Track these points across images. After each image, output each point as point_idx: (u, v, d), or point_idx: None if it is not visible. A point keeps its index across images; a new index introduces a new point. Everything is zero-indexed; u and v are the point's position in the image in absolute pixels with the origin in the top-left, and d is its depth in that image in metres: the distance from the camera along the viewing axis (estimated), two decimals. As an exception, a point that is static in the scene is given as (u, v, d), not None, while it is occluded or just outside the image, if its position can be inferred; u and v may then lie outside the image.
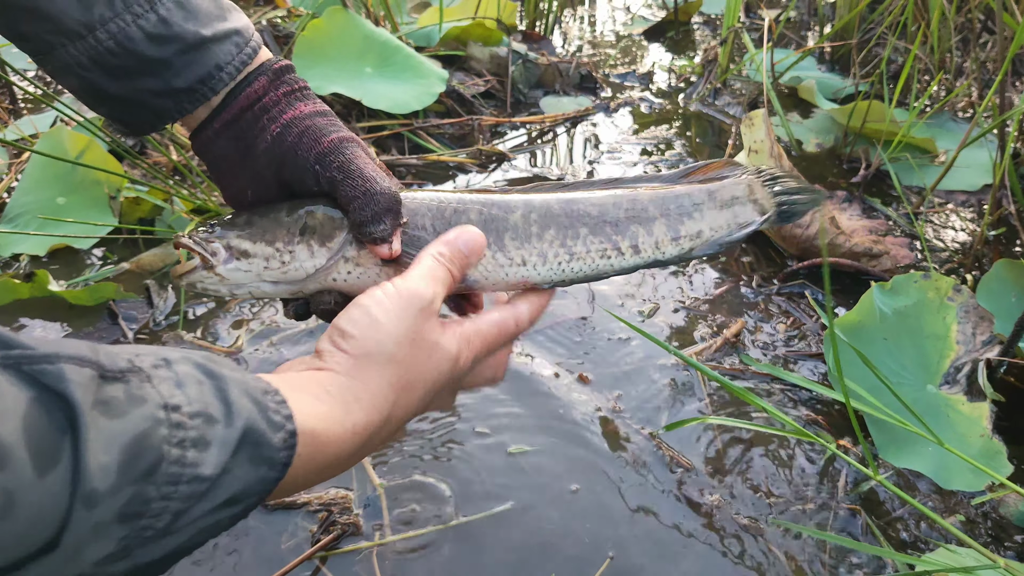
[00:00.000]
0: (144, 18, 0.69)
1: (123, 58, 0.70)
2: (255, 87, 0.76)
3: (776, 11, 3.44)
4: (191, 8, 0.72)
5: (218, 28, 0.73)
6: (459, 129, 2.41)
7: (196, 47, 0.72)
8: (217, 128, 0.76)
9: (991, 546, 1.20)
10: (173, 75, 0.72)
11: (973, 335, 1.45)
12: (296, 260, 0.74)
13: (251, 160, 0.76)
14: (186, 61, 0.72)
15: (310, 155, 0.74)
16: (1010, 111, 1.71)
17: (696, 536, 1.20)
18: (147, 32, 0.69)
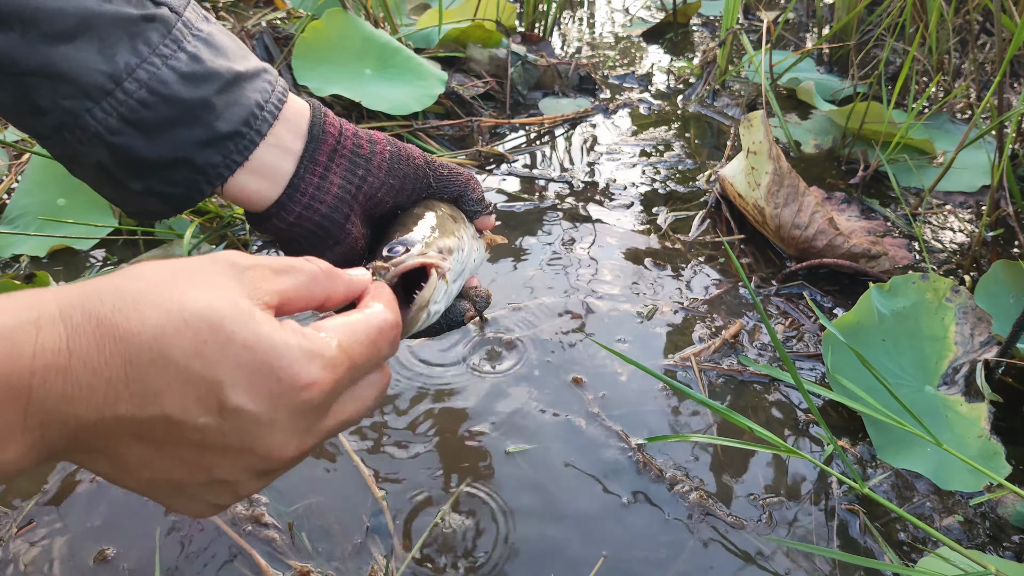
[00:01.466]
0: (174, 58, 0.62)
1: (158, 108, 0.62)
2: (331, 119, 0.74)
3: (775, 13, 3.45)
4: (218, 45, 0.66)
5: (248, 65, 0.68)
6: (458, 130, 2.41)
7: (233, 84, 0.66)
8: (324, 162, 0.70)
9: (989, 547, 1.20)
10: (216, 118, 0.64)
11: (971, 336, 1.45)
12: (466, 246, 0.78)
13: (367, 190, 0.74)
14: (226, 101, 0.65)
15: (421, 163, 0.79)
16: (1008, 112, 1.71)
17: (692, 535, 1.20)
18: (180, 72, 0.62)
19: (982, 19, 2.66)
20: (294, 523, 1.19)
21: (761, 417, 1.42)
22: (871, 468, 1.33)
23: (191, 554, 1.15)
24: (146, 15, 0.60)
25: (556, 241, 1.90)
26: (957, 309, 1.48)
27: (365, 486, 1.25)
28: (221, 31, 0.68)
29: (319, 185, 0.70)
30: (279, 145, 0.69)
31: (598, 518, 1.22)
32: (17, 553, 1.14)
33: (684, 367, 1.51)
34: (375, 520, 1.20)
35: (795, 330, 1.63)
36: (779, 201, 1.78)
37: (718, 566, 1.16)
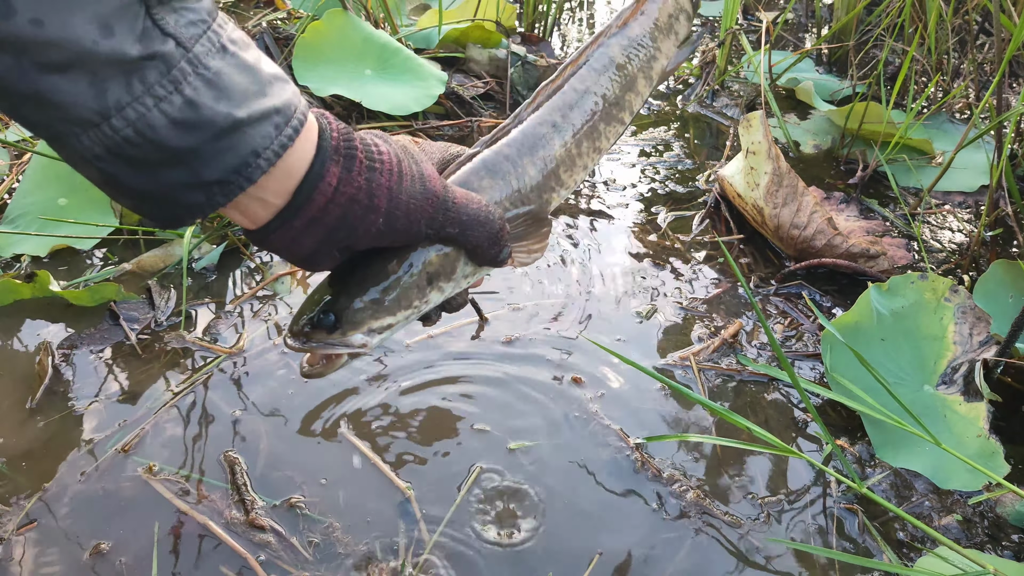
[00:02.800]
0: (167, 101, 0.59)
1: (145, 148, 0.59)
2: (328, 180, 0.68)
3: (774, 13, 3.45)
4: (223, 86, 0.61)
5: (255, 108, 0.63)
6: (458, 131, 2.42)
7: (228, 132, 0.62)
8: (299, 227, 0.69)
9: (988, 546, 1.21)
10: (202, 165, 0.62)
11: (970, 335, 1.46)
12: (430, 303, 0.80)
13: (351, 247, 0.74)
14: (217, 149, 0.62)
15: (421, 226, 0.74)
16: (1007, 112, 1.72)
17: (689, 533, 1.20)
18: (171, 118, 0.59)
19: (981, 19, 2.66)
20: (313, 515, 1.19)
21: (760, 416, 1.42)
22: (870, 467, 1.33)
23: (187, 553, 1.15)
24: (148, 54, 0.57)
25: (555, 241, 1.90)
26: (956, 309, 1.49)
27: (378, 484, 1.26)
28: (236, 66, 0.63)
29: (293, 239, 0.70)
30: (261, 198, 0.68)
31: (596, 516, 1.22)
32: (16, 548, 1.15)
33: (683, 366, 1.52)
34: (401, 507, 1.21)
35: (794, 330, 1.64)
36: (778, 201, 1.78)
37: (715, 565, 1.16)
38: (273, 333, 1.56)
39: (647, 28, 0.94)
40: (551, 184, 0.87)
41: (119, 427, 1.35)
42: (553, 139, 0.87)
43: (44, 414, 1.37)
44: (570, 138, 0.88)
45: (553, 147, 0.87)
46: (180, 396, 1.41)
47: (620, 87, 0.91)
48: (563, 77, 0.90)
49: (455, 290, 0.82)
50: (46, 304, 1.62)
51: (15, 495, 1.23)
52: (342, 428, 1.35)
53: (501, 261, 0.80)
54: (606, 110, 0.90)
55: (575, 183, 0.90)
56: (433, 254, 0.78)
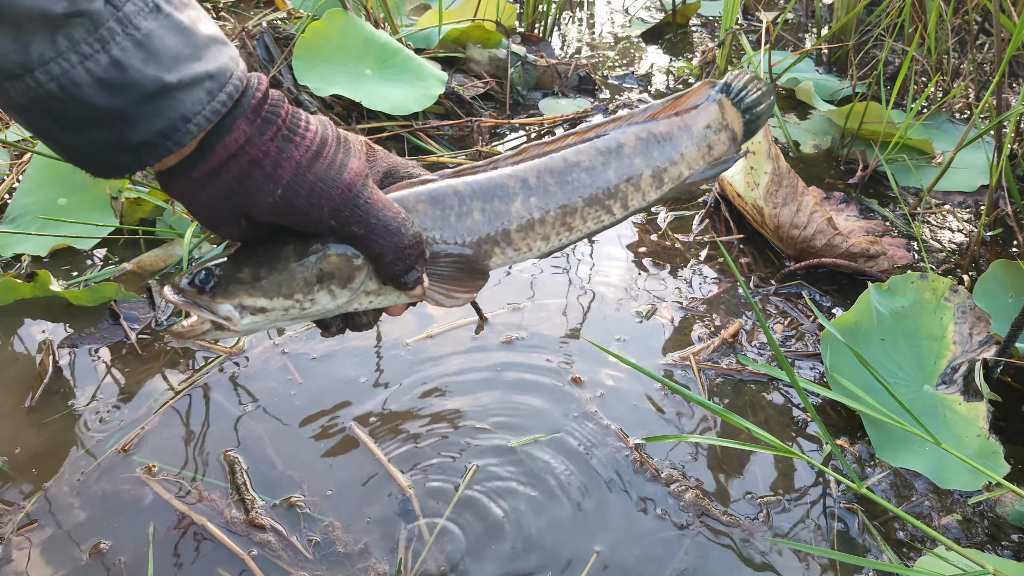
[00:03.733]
0: (93, 59, 0.57)
1: (69, 105, 0.58)
2: (235, 135, 0.66)
3: (774, 13, 3.45)
4: (153, 48, 0.60)
5: (186, 73, 0.61)
6: (458, 131, 2.42)
7: (156, 95, 0.60)
8: (197, 178, 0.67)
9: (988, 546, 1.21)
10: (128, 127, 0.61)
11: (970, 335, 1.46)
12: (317, 304, 0.73)
13: (248, 214, 0.69)
14: (144, 112, 0.60)
15: (323, 214, 0.68)
16: (1007, 112, 1.72)
17: (688, 533, 1.20)
18: (97, 77, 0.58)
19: (981, 19, 2.66)
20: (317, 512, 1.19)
21: (760, 416, 1.42)
22: (870, 467, 1.33)
23: (186, 553, 1.15)
24: (75, 11, 0.56)
25: (556, 241, 1.90)
26: (956, 308, 1.49)
27: (378, 483, 1.26)
28: (169, 27, 0.61)
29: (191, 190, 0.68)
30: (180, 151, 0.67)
31: (594, 515, 1.22)
32: (16, 548, 1.15)
33: (683, 366, 1.52)
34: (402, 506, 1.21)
35: (794, 329, 1.64)
36: (778, 201, 1.78)
37: (714, 565, 1.16)
38: (273, 333, 1.56)
39: (675, 128, 0.85)
40: (496, 239, 0.78)
41: (119, 427, 1.35)
42: (516, 195, 0.79)
43: (44, 413, 1.37)
44: (536, 202, 0.79)
45: (512, 202, 0.79)
46: (180, 396, 1.41)
47: (617, 175, 0.83)
48: (561, 143, 0.83)
49: (352, 303, 0.75)
50: (46, 304, 1.62)
51: (15, 495, 1.23)
52: (342, 427, 1.35)
53: (406, 283, 0.72)
54: (592, 192, 0.82)
55: (530, 250, 0.81)
56: (333, 252, 0.72)
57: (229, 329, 0.71)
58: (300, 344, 1.53)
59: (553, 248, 0.82)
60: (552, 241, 0.82)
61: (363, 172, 0.71)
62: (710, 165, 0.86)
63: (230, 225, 0.71)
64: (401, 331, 1.57)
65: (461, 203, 0.77)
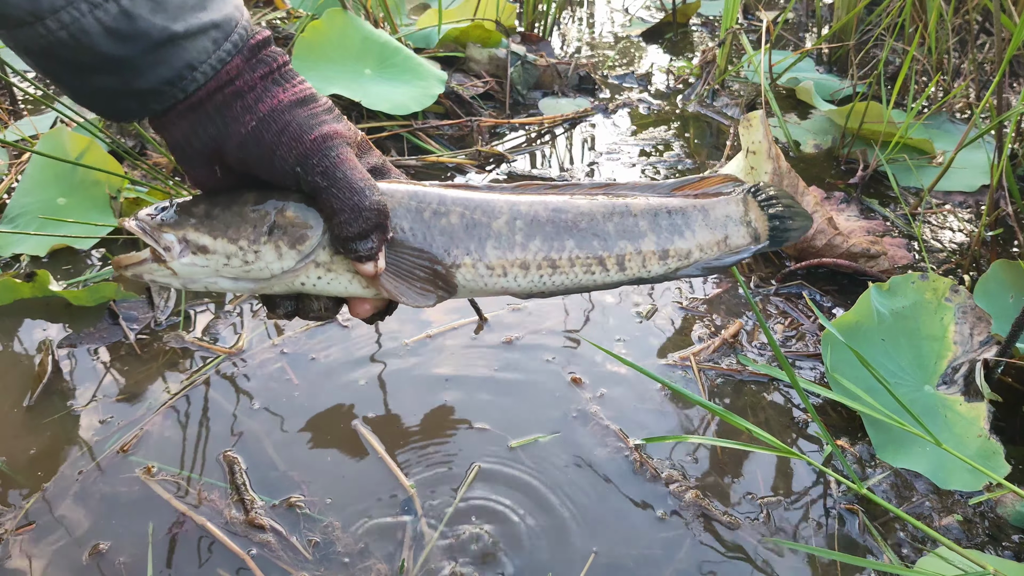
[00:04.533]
0: (102, 8, 0.59)
1: (77, 52, 0.60)
2: (228, 67, 0.66)
3: (774, 13, 3.45)
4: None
5: (192, 22, 0.62)
6: (458, 130, 2.41)
7: (163, 44, 0.61)
8: (181, 110, 0.66)
9: (988, 546, 1.21)
10: (135, 75, 0.62)
11: (970, 335, 1.45)
12: (261, 260, 0.69)
13: (221, 151, 0.68)
14: (151, 60, 0.62)
15: (290, 156, 0.66)
16: (1008, 112, 1.71)
17: (688, 533, 1.20)
18: (105, 26, 0.59)
19: (981, 19, 2.66)
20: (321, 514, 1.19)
21: (760, 416, 1.42)
22: (870, 467, 1.33)
23: (185, 553, 1.15)
24: None
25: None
26: (956, 309, 1.48)
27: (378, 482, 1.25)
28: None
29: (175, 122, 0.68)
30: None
31: (594, 515, 1.22)
32: (15, 548, 1.14)
33: (684, 366, 1.52)
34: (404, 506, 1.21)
35: (794, 329, 1.63)
36: (778, 201, 1.78)
37: (714, 565, 1.16)
38: (273, 333, 1.56)
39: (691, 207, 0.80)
40: (470, 247, 0.72)
41: (118, 427, 1.35)
42: (502, 214, 0.74)
43: (43, 414, 1.37)
44: (521, 225, 0.74)
45: (496, 219, 0.73)
46: (179, 396, 1.41)
47: (617, 230, 0.77)
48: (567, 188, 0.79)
49: (300, 272, 0.70)
50: (46, 304, 1.62)
51: (14, 495, 1.23)
52: (341, 427, 1.35)
53: (358, 251, 0.67)
54: (585, 237, 0.76)
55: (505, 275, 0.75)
56: (291, 208, 0.68)
57: (166, 264, 0.68)
58: (299, 344, 1.53)
59: (534, 286, 0.76)
60: (532, 274, 0.75)
61: (344, 135, 0.69)
62: (724, 253, 0.81)
63: (204, 168, 0.70)
64: (400, 331, 1.57)
65: (441, 203, 0.73)
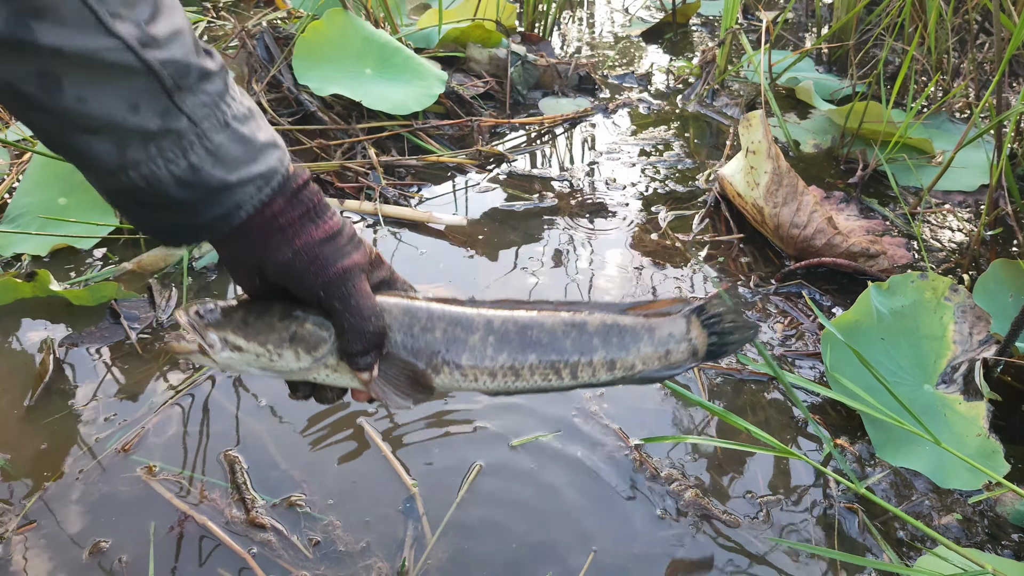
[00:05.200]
0: (175, 163, 0.73)
1: (150, 195, 0.74)
2: (273, 208, 0.81)
3: (774, 13, 3.45)
4: (221, 155, 0.76)
5: (243, 174, 0.78)
6: (458, 130, 2.42)
7: (219, 191, 0.76)
8: (232, 235, 0.81)
9: (988, 545, 1.21)
10: (194, 214, 0.77)
11: (970, 335, 1.46)
12: (283, 360, 0.84)
13: (262, 269, 0.83)
14: (208, 202, 0.77)
15: (316, 282, 0.81)
16: (1007, 112, 1.72)
17: (687, 532, 1.20)
18: (176, 177, 0.74)
19: (981, 19, 2.66)
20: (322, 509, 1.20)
21: (760, 416, 1.42)
22: (870, 466, 1.33)
23: (186, 552, 1.15)
24: (166, 128, 0.72)
25: (555, 240, 1.90)
26: (956, 308, 1.49)
27: (379, 481, 1.26)
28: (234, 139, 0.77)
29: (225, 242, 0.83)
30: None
31: (594, 514, 1.22)
32: (16, 547, 1.15)
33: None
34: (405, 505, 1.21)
35: (794, 329, 1.64)
36: (778, 200, 1.78)
37: (713, 564, 1.16)
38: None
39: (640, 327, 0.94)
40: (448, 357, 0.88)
41: (119, 426, 1.35)
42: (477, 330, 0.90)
43: (45, 413, 1.38)
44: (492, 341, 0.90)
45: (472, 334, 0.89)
46: (180, 395, 1.41)
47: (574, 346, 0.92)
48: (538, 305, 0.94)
49: (312, 371, 0.86)
50: (47, 303, 1.62)
51: (15, 494, 1.23)
52: (342, 427, 1.35)
53: (358, 364, 0.84)
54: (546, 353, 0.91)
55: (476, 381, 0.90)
56: (310, 321, 0.85)
57: (209, 356, 0.83)
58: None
59: (499, 388, 0.91)
60: (498, 380, 0.91)
61: (360, 264, 0.85)
62: (664, 367, 0.95)
63: (247, 278, 0.85)
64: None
65: (428, 319, 0.89)
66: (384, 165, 2.17)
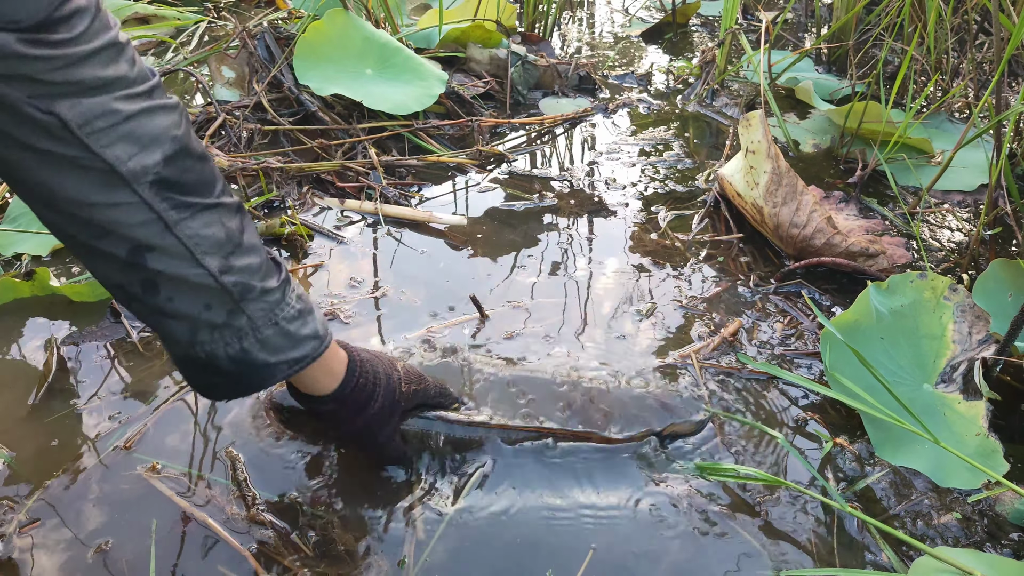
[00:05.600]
0: (231, 347, 0.96)
1: (206, 363, 0.97)
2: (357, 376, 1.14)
3: (773, 13, 3.46)
4: (267, 344, 0.99)
5: (281, 357, 1.01)
6: (459, 130, 2.42)
7: (260, 368, 0.99)
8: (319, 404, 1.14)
9: (987, 544, 1.21)
10: (238, 383, 1.00)
11: (969, 334, 1.46)
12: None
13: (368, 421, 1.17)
14: (248, 374, 0.99)
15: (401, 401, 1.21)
16: (1006, 112, 1.72)
17: (684, 531, 1.20)
18: (229, 355, 0.97)
19: (980, 19, 2.67)
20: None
21: (759, 415, 1.43)
22: (869, 466, 1.33)
23: (189, 550, 1.16)
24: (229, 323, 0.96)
25: (555, 239, 1.91)
26: (955, 307, 1.49)
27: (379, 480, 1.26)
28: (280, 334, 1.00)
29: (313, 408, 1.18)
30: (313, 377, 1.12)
31: (591, 511, 1.23)
32: (19, 546, 1.15)
33: (684, 364, 1.52)
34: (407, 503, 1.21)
35: (793, 328, 1.64)
36: (777, 200, 1.79)
37: (711, 562, 1.17)
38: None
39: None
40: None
41: (121, 424, 1.35)
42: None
43: (46, 412, 1.38)
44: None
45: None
46: (182, 393, 1.41)
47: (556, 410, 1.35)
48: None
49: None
50: (47, 302, 1.62)
51: (18, 493, 1.23)
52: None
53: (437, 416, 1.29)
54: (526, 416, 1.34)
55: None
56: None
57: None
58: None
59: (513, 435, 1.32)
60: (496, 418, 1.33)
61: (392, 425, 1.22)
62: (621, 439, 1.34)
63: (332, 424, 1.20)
64: (399, 328, 1.58)
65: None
66: (385, 165, 2.17)
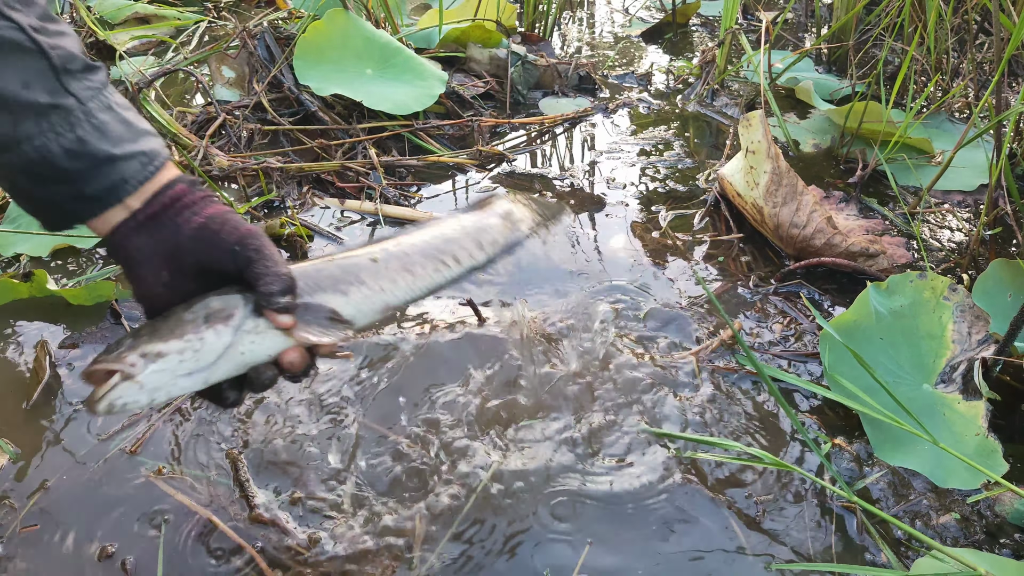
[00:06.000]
0: (64, 137, 0.83)
1: (43, 167, 0.83)
2: (177, 190, 0.90)
3: (773, 13, 3.45)
4: (106, 131, 0.86)
5: (127, 149, 0.87)
6: (459, 130, 2.42)
7: (105, 162, 0.85)
8: (140, 220, 0.89)
9: (986, 544, 1.21)
10: (84, 184, 0.85)
11: (969, 334, 1.46)
12: (206, 344, 0.86)
13: (172, 246, 0.89)
14: (95, 174, 0.85)
15: (232, 238, 0.89)
16: (1006, 112, 1.72)
17: (683, 527, 1.21)
18: (65, 148, 0.83)
19: (980, 19, 2.67)
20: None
21: (758, 415, 1.43)
22: (868, 466, 1.33)
23: (193, 551, 1.16)
24: (54, 104, 0.82)
25: (555, 240, 1.91)
26: (955, 307, 1.49)
27: (381, 479, 1.26)
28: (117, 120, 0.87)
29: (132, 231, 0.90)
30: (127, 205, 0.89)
31: (588, 507, 1.23)
32: (20, 548, 1.15)
33: (684, 364, 1.52)
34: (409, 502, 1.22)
35: (793, 329, 1.64)
36: (777, 200, 1.79)
37: (709, 561, 1.17)
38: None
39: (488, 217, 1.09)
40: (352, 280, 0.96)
41: (123, 426, 1.35)
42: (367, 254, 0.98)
43: (45, 414, 1.38)
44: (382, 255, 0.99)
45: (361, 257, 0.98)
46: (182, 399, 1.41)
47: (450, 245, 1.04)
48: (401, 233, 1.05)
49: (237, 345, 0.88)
50: (47, 304, 1.62)
51: (19, 495, 1.23)
52: (344, 423, 1.36)
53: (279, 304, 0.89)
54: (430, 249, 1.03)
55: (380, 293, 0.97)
56: (215, 299, 0.88)
57: (134, 378, 0.83)
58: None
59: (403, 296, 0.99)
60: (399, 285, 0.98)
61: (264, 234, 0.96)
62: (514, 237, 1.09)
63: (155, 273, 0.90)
64: (399, 328, 1.58)
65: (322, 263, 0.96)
66: (385, 165, 2.17)
